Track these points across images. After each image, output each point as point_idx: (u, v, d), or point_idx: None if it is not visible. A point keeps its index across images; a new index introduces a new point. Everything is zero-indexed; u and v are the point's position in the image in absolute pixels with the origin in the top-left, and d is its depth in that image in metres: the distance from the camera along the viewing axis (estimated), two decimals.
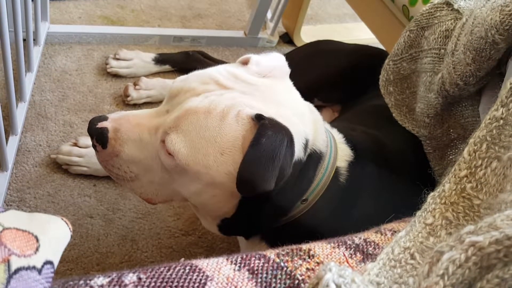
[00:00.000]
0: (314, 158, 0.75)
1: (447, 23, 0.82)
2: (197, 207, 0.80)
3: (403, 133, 0.94)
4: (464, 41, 0.73)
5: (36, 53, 1.32)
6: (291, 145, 0.68)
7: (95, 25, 1.52)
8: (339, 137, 0.85)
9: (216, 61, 1.45)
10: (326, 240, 0.54)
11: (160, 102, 0.84)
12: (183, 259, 0.49)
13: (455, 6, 0.82)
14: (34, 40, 1.30)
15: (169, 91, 0.76)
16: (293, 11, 1.62)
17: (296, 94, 0.80)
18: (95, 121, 0.75)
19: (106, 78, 1.37)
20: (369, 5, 1.22)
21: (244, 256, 0.48)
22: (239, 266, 0.46)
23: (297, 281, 0.46)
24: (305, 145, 0.73)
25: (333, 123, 0.98)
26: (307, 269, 0.47)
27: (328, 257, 0.50)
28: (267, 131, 0.65)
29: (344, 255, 0.51)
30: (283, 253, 0.50)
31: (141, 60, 1.39)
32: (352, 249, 0.52)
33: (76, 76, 1.35)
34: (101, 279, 0.42)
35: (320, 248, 0.51)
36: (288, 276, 0.46)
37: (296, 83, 0.81)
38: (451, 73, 0.76)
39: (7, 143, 1.07)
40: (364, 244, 0.53)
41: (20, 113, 1.16)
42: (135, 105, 1.31)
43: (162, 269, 0.44)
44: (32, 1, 1.25)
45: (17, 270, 0.37)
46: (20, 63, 1.08)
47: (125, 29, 1.51)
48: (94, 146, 0.76)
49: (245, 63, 0.78)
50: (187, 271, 0.44)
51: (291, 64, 0.81)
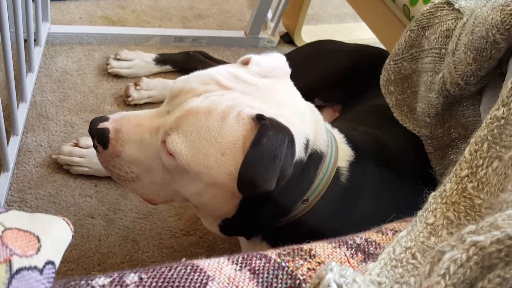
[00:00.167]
0: (315, 158, 0.75)
1: (448, 22, 0.82)
2: (198, 207, 0.80)
3: (404, 133, 0.94)
4: (465, 40, 0.73)
5: (37, 53, 1.32)
6: (292, 145, 0.68)
7: (96, 26, 1.52)
8: (340, 137, 0.85)
9: (216, 61, 1.45)
10: (327, 240, 0.54)
11: (161, 103, 0.84)
12: (184, 259, 0.49)
13: (456, 6, 0.82)
14: (35, 40, 1.30)
15: (170, 91, 0.76)
16: (293, 11, 1.61)
17: (296, 94, 0.80)
18: (96, 121, 0.76)
19: (107, 79, 1.37)
20: (369, 5, 1.22)
21: (245, 256, 0.48)
22: (240, 266, 0.46)
23: (298, 281, 0.46)
24: (306, 145, 0.73)
25: (334, 123, 0.98)
26: (308, 269, 0.47)
27: (329, 257, 0.50)
28: (268, 131, 0.65)
29: (345, 255, 0.51)
30: (284, 253, 0.50)
31: (142, 60, 1.39)
32: (353, 249, 0.52)
33: (77, 76, 1.35)
34: (102, 279, 0.42)
35: (321, 248, 0.51)
36: (289, 276, 0.46)
37: (297, 83, 0.81)
38: (452, 72, 0.76)
39: (8, 143, 1.07)
40: (365, 244, 0.53)
41: (21, 113, 1.16)
42: (136, 105, 1.31)
43: (163, 269, 0.44)
44: (33, 1, 1.25)
45: (19, 270, 0.38)
46: (21, 63, 1.08)
47: (126, 29, 1.51)
48: (95, 146, 0.76)
49: (245, 63, 0.78)
50: (188, 271, 0.44)
51: (291, 64, 0.81)
